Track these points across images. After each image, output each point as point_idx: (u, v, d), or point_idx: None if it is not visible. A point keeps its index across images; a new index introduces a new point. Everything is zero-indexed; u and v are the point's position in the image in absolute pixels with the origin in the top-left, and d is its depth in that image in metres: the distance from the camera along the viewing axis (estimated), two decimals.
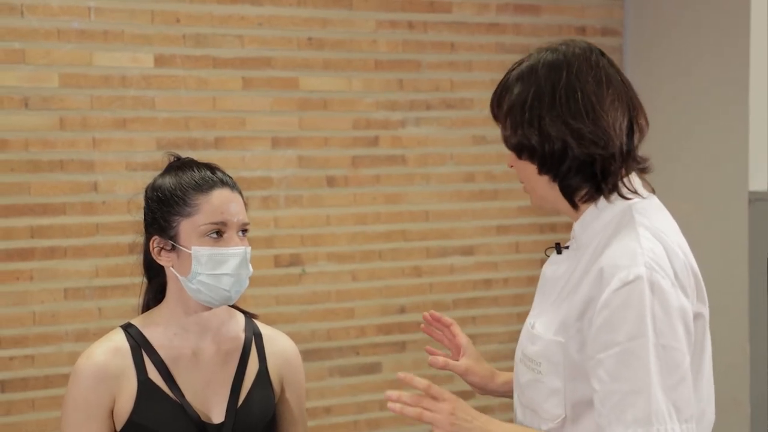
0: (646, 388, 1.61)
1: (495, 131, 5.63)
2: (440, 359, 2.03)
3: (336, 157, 4.40)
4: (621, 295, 1.63)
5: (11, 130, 3.87)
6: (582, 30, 4.87)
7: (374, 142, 4.48)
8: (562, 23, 4.83)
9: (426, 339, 4.60)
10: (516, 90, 1.80)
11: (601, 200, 1.76)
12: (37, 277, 3.91)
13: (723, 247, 4.27)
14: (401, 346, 4.55)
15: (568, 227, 4.80)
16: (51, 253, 3.93)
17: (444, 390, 1.75)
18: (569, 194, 1.78)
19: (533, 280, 4.73)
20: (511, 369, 1.99)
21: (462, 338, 2.12)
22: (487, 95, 5.34)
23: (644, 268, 1.64)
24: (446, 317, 2.15)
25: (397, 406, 1.72)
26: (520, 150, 1.79)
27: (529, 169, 1.79)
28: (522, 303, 4.76)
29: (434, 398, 1.73)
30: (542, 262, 5.18)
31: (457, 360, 2.10)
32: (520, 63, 1.84)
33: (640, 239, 1.68)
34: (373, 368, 4.50)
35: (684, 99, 4.52)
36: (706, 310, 1.74)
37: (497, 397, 2.10)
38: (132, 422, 1.97)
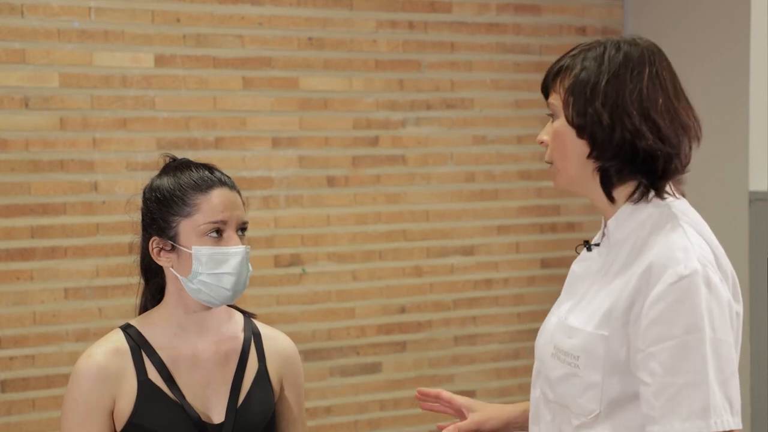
0: (704, 381, 1.61)
1: (495, 131, 5.59)
2: (450, 428, 2.02)
3: (336, 157, 4.41)
4: (677, 288, 1.64)
5: (12, 130, 3.87)
6: (582, 30, 4.87)
7: (375, 142, 4.48)
8: (563, 23, 4.83)
9: (427, 338, 4.61)
10: (586, 69, 1.76)
11: (638, 203, 1.77)
12: (38, 277, 3.92)
13: (723, 247, 4.27)
14: (401, 346, 4.55)
15: (569, 227, 4.83)
16: (51, 252, 3.93)
17: None
18: (609, 186, 1.77)
19: (533, 280, 4.77)
20: (512, 368, 1.99)
21: (457, 400, 2.10)
22: (487, 95, 5.35)
23: (698, 263, 1.65)
24: (432, 390, 2.14)
25: None
26: (584, 129, 1.76)
27: (578, 149, 1.77)
28: (522, 303, 4.76)
29: None
30: (542, 261, 5.19)
31: (466, 419, 2.08)
32: (586, 46, 1.80)
33: (688, 235, 1.70)
34: (373, 368, 4.50)
35: None
36: (741, 310, 1.76)
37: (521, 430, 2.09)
38: (132, 423, 1.97)
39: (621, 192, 1.78)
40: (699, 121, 1.80)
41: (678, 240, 1.69)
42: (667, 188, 1.78)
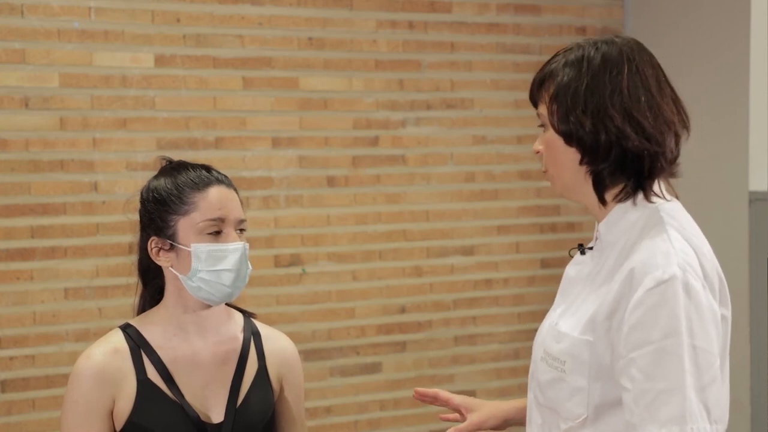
0: (681, 386, 1.60)
1: (495, 131, 5.59)
2: (450, 431, 2.05)
3: (336, 157, 4.41)
4: (655, 294, 1.63)
5: (12, 130, 3.87)
6: (582, 30, 4.87)
7: (375, 142, 4.48)
8: (563, 23, 4.83)
9: (427, 338, 4.61)
10: (566, 76, 1.75)
11: (629, 201, 1.76)
12: (38, 277, 3.92)
13: (723, 247, 4.26)
14: (401, 346, 4.55)
15: (569, 227, 4.83)
16: (51, 252, 3.93)
17: None
18: (602, 189, 1.76)
19: (533, 280, 4.77)
20: (512, 368, 1.99)
21: (454, 399, 2.11)
22: (488, 95, 5.35)
23: (678, 268, 1.64)
24: (429, 390, 2.14)
25: None
26: (570, 136, 1.75)
27: (569, 156, 1.77)
28: (522, 303, 4.76)
29: None
30: (542, 261, 5.18)
31: (465, 419, 2.08)
32: (566, 50, 1.80)
33: (672, 240, 1.68)
34: (373, 368, 4.50)
35: (684, 99, 4.51)
36: (729, 314, 1.74)
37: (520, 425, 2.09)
38: (131, 423, 1.97)
39: (611, 194, 1.77)
40: (685, 112, 1.78)
41: (660, 245, 1.68)
42: (657, 189, 1.76)
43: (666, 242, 1.68)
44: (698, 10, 4.55)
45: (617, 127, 1.71)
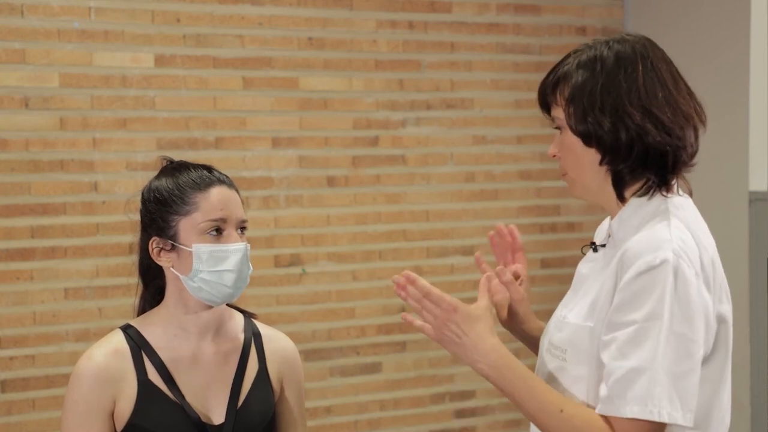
0: (650, 368, 1.62)
1: (495, 131, 5.57)
2: (508, 274, 2.07)
3: (336, 157, 4.40)
4: (645, 277, 1.64)
5: (12, 130, 3.87)
6: (582, 30, 4.87)
7: (375, 142, 4.48)
8: (563, 23, 4.83)
9: (427, 338, 4.60)
10: (580, 77, 1.75)
11: (645, 196, 1.76)
12: (38, 277, 3.92)
13: (723, 247, 4.25)
14: (401, 346, 4.55)
15: (569, 227, 4.83)
16: (51, 252, 3.93)
17: (445, 297, 1.76)
18: (621, 186, 1.77)
19: (533, 280, 4.76)
20: None
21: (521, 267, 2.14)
22: (488, 95, 5.34)
23: (671, 254, 1.65)
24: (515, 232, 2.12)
25: (403, 293, 1.76)
26: (589, 137, 1.75)
27: (589, 158, 1.77)
28: None
29: (434, 303, 1.76)
30: (542, 261, 5.18)
31: (513, 264, 2.13)
32: (577, 51, 1.80)
33: (671, 228, 1.70)
34: (373, 368, 4.50)
35: None
36: (730, 313, 1.75)
37: (521, 339, 2.06)
38: (132, 424, 1.96)
39: (631, 190, 1.78)
40: (701, 105, 1.80)
41: (659, 231, 1.69)
42: (675, 186, 1.77)
43: (665, 229, 1.69)
44: (698, 10, 4.55)
45: (637, 125, 1.71)
